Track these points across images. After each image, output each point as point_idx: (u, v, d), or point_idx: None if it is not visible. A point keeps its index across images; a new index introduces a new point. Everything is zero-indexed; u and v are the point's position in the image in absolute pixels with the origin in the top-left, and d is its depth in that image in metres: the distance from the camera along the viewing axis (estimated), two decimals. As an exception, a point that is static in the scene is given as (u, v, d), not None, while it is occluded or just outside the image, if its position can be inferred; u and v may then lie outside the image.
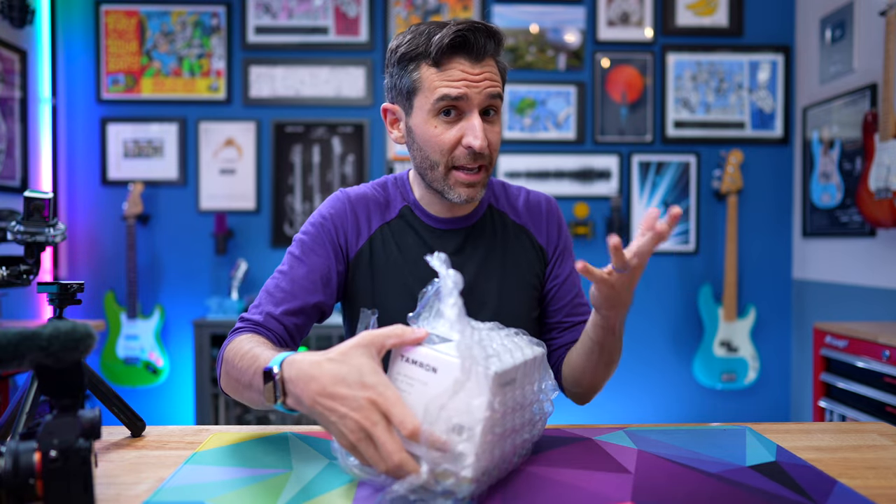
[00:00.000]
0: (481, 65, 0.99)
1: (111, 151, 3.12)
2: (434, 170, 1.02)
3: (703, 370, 3.02)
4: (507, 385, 0.69)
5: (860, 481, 0.74)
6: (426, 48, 0.98)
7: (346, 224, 1.08)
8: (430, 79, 0.98)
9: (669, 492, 0.71)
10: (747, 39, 3.15)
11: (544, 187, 3.13)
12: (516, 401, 0.71)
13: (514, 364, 0.70)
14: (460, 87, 0.96)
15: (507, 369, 0.68)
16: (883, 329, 2.11)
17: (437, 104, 0.98)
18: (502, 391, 0.68)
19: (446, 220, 1.11)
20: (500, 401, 0.67)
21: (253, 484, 0.72)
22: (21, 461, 0.53)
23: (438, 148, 0.99)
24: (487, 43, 0.98)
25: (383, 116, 1.09)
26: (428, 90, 0.99)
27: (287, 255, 1.07)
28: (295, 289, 1.03)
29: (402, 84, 1.02)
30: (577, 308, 1.16)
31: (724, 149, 3.11)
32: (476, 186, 1.01)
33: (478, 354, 0.66)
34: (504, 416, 0.69)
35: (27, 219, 0.91)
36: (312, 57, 3.14)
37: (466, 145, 0.98)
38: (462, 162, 0.99)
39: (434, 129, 0.99)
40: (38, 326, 0.53)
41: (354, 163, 3.14)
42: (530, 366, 0.74)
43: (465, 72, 0.97)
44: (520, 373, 0.71)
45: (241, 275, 2.99)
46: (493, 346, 0.72)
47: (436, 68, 0.98)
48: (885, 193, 2.22)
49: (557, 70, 3.15)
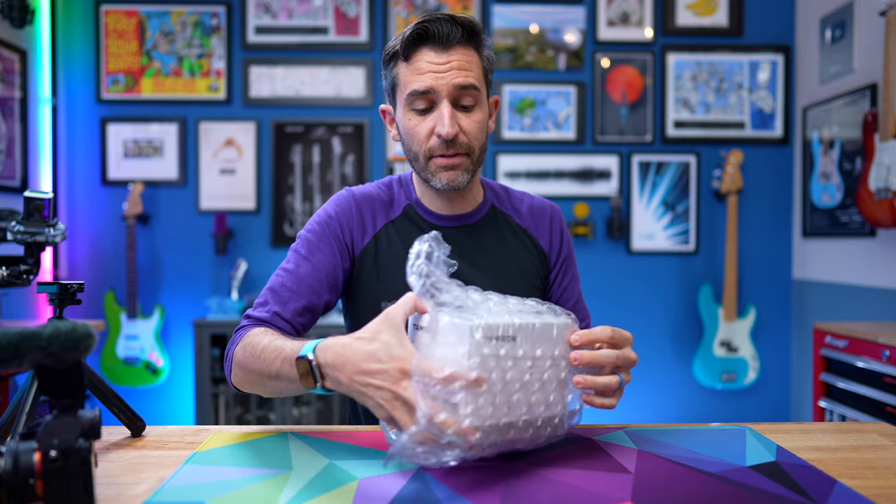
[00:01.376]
0: (448, 53, 1.00)
1: (111, 151, 3.12)
2: (417, 161, 1.06)
3: (703, 370, 3.02)
4: (499, 341, 0.71)
5: (860, 481, 0.74)
6: (399, 46, 1.03)
7: (352, 222, 1.10)
8: (402, 74, 1.03)
9: (669, 492, 0.71)
10: (747, 39, 3.15)
11: (544, 187, 3.13)
12: (518, 361, 0.72)
13: (508, 322, 0.71)
14: (426, 80, 1.00)
15: (493, 324, 0.70)
16: (883, 329, 2.11)
17: (409, 99, 1.02)
18: (490, 345, 0.70)
19: (448, 217, 1.12)
20: (490, 354, 0.70)
21: (253, 484, 0.73)
22: (21, 461, 0.53)
23: (416, 139, 1.04)
24: (452, 31, 1.00)
25: (383, 117, 1.13)
26: (402, 86, 1.03)
27: (292, 253, 1.08)
28: (301, 287, 1.04)
29: (388, 83, 1.08)
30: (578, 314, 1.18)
31: (724, 149, 3.11)
32: (456, 170, 1.04)
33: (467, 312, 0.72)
34: (504, 372, 0.71)
35: (27, 219, 0.91)
36: (312, 57, 3.14)
37: (437, 133, 1.01)
38: (437, 151, 1.03)
39: (410, 122, 1.04)
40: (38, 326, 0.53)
41: (354, 163, 3.14)
42: (540, 331, 0.75)
43: (431, 62, 1.00)
44: (521, 334, 0.73)
45: (241, 275, 2.99)
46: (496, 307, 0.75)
47: (406, 63, 1.03)
48: (885, 193, 2.22)
49: (557, 70, 3.15)
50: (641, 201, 3.15)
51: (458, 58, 1.00)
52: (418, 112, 1.02)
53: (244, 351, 0.94)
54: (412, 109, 1.03)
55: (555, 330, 0.76)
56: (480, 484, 0.72)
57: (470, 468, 0.78)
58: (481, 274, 1.10)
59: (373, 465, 0.79)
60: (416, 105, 1.02)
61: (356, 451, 0.84)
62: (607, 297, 3.14)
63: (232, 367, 0.99)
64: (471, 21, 1.02)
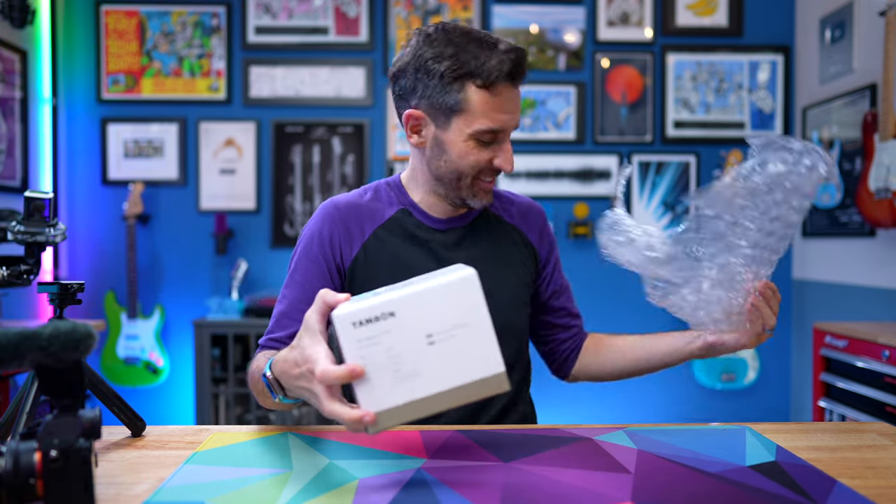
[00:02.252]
0: (517, 90, 1.04)
1: (111, 151, 3.12)
2: (461, 180, 1.06)
3: (703, 370, 3.02)
4: (371, 323, 0.68)
5: (860, 481, 0.74)
6: (477, 69, 0.98)
7: (338, 236, 1.09)
8: (477, 102, 1.00)
9: (669, 492, 0.71)
10: (747, 39, 3.15)
11: (544, 187, 3.13)
12: (409, 335, 0.69)
13: (373, 304, 0.68)
14: (505, 119, 1.02)
15: (354, 310, 0.68)
16: (883, 329, 2.11)
17: (480, 133, 1.01)
18: (361, 330, 0.68)
19: (444, 220, 1.13)
20: (365, 338, 0.68)
21: (253, 484, 0.73)
22: (21, 461, 0.53)
23: (472, 166, 1.04)
24: (525, 69, 1.04)
25: (404, 121, 1.07)
26: (472, 114, 1.01)
27: (289, 277, 1.11)
28: (295, 312, 1.06)
29: (444, 100, 1.01)
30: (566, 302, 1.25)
31: (723, 149, 3.11)
32: (491, 192, 1.10)
33: (351, 303, 0.71)
34: (396, 351, 0.68)
35: (27, 219, 0.91)
36: (312, 57, 3.14)
37: (497, 166, 1.05)
38: (486, 176, 1.06)
39: (471, 150, 1.04)
40: (38, 326, 0.53)
41: (354, 163, 3.14)
42: (428, 297, 0.69)
43: (510, 99, 1.02)
44: (399, 307, 0.68)
45: (241, 275, 2.99)
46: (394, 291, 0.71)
47: (487, 92, 1.00)
48: (884, 193, 2.22)
49: (557, 70, 3.15)
50: (641, 201, 3.15)
51: (519, 94, 1.05)
52: (482, 143, 1.03)
53: (250, 378, 1.02)
54: (477, 140, 1.02)
55: (447, 294, 0.70)
56: (480, 484, 0.73)
57: (470, 468, 0.78)
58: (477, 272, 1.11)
59: (373, 465, 0.79)
60: (483, 138, 1.02)
61: (356, 451, 0.84)
62: (607, 297, 3.14)
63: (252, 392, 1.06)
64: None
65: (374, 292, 0.76)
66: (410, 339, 0.69)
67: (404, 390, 0.69)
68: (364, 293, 0.77)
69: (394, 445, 0.86)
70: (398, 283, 0.76)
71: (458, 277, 0.71)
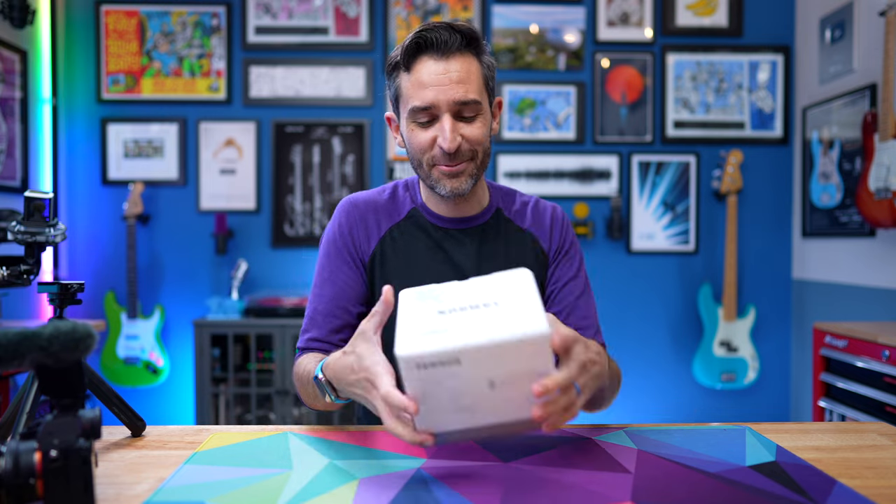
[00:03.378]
0: (447, 62, 1.01)
1: (111, 151, 3.12)
2: (420, 168, 1.08)
3: (703, 370, 3.02)
4: (434, 367, 0.66)
5: (860, 481, 0.74)
6: (399, 55, 1.04)
7: (357, 231, 1.13)
8: (405, 86, 1.04)
9: (669, 492, 0.71)
10: (747, 39, 3.15)
11: (544, 187, 3.13)
12: (467, 379, 0.67)
13: (443, 350, 0.65)
14: (427, 95, 1.01)
15: (426, 353, 0.65)
16: (883, 329, 2.11)
17: (412, 114, 1.03)
18: (424, 371, 0.66)
19: (454, 219, 1.14)
20: (426, 378, 0.67)
21: (253, 484, 0.73)
22: (21, 461, 0.53)
23: (419, 149, 1.05)
24: (451, 38, 1.01)
25: (388, 124, 1.15)
26: (404, 98, 1.05)
27: (316, 277, 1.14)
28: (330, 309, 1.10)
29: (391, 93, 1.09)
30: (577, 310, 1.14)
31: (723, 149, 3.11)
32: (460, 177, 1.05)
33: (418, 329, 0.69)
34: (456, 393, 0.68)
35: (27, 219, 0.91)
36: (312, 57, 3.14)
37: (439, 145, 1.03)
38: (439, 161, 1.05)
39: (412, 133, 1.05)
40: (38, 326, 0.53)
41: (354, 163, 3.14)
42: (493, 352, 0.66)
43: (431, 73, 1.01)
44: (466, 357, 0.65)
45: (241, 275, 2.99)
46: (468, 320, 0.68)
47: (407, 73, 1.04)
48: (884, 193, 2.22)
49: (557, 70, 3.15)
50: (641, 201, 3.15)
51: (457, 67, 1.01)
52: (421, 124, 1.04)
53: (298, 380, 1.06)
54: (414, 122, 1.04)
55: (516, 349, 0.66)
56: (480, 484, 0.73)
57: (470, 468, 0.78)
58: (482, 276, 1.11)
59: (373, 465, 0.79)
60: (419, 119, 1.03)
61: (356, 451, 0.84)
62: (607, 297, 3.14)
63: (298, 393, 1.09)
64: (469, 27, 1.03)
65: (432, 293, 0.76)
66: (473, 384, 0.68)
67: (461, 419, 0.71)
68: (423, 292, 0.77)
69: (394, 445, 0.86)
70: (453, 287, 0.77)
71: (534, 333, 0.65)
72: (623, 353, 3.09)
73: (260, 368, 2.85)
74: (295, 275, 3.14)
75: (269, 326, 2.81)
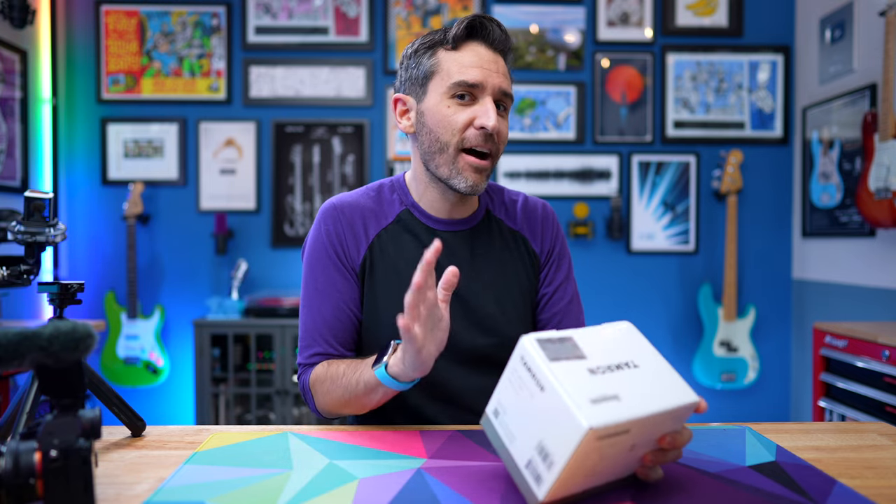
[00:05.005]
0: (495, 55, 1.03)
1: (111, 151, 3.12)
2: (444, 152, 1.03)
3: (703, 370, 3.02)
4: (611, 437, 0.62)
5: (860, 481, 0.74)
6: (444, 36, 1.04)
7: (346, 238, 1.08)
8: (447, 61, 1.02)
9: (669, 492, 0.71)
10: (747, 39, 3.15)
11: (544, 187, 3.13)
12: (625, 446, 0.65)
13: (631, 417, 0.63)
14: (477, 72, 1.00)
15: (611, 424, 0.61)
16: (883, 329, 2.11)
17: (454, 87, 1.01)
18: (600, 443, 0.62)
19: (446, 221, 1.10)
20: (597, 448, 0.62)
21: (253, 484, 0.73)
22: (21, 461, 0.53)
23: (450, 128, 1.01)
24: (502, 36, 1.04)
25: (393, 107, 1.10)
26: (445, 73, 1.02)
27: (308, 289, 1.08)
28: (333, 322, 1.06)
29: (419, 72, 1.05)
30: (569, 315, 1.15)
31: (723, 149, 3.11)
32: (482, 174, 1.03)
33: (593, 386, 0.63)
34: (603, 459, 0.64)
35: (27, 219, 0.91)
36: (312, 57, 3.14)
37: (479, 126, 1.00)
38: (472, 142, 1.01)
39: (447, 109, 1.02)
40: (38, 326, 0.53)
41: (354, 163, 3.14)
42: (658, 419, 0.66)
43: (482, 56, 1.02)
44: (637, 427, 0.64)
45: (241, 275, 2.99)
46: (626, 376, 0.67)
47: (454, 51, 1.03)
48: (884, 193, 2.22)
49: (557, 70, 3.15)
50: (641, 201, 3.15)
51: (503, 64, 1.04)
52: (459, 102, 1.01)
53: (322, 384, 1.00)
54: (453, 97, 1.01)
55: (673, 415, 0.68)
56: (480, 484, 0.72)
57: (470, 468, 0.78)
58: (475, 280, 1.09)
59: (373, 465, 0.79)
60: (460, 93, 1.00)
61: (356, 451, 0.84)
62: (607, 297, 3.14)
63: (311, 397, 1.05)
64: (512, 38, 1.07)
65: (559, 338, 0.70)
66: (621, 449, 0.66)
67: (585, 482, 0.67)
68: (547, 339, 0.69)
69: (394, 445, 0.86)
70: (578, 337, 0.71)
71: (690, 401, 0.70)
72: (623, 353, 3.08)
73: (260, 368, 2.85)
74: (295, 275, 3.14)
75: (269, 326, 2.81)
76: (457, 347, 1.06)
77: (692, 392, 0.70)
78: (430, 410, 1.08)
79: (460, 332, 1.06)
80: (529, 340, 0.67)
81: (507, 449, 0.68)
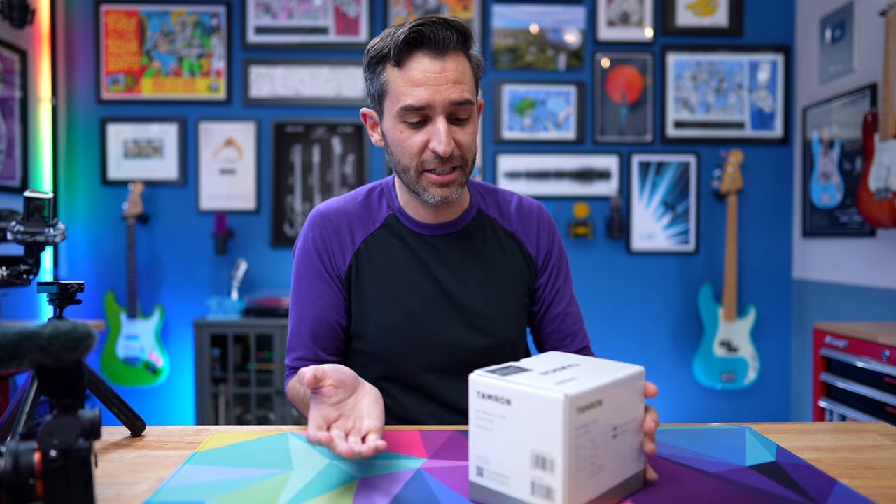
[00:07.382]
0: (443, 60, 0.96)
1: (111, 151, 3.12)
2: (407, 173, 1.01)
3: (703, 370, 3.02)
4: (589, 409, 0.64)
5: (860, 481, 0.74)
6: (387, 48, 0.98)
7: (331, 245, 1.07)
8: (394, 81, 0.97)
9: (669, 492, 0.71)
10: (747, 39, 3.15)
11: (544, 187, 3.13)
12: (607, 427, 0.66)
13: (595, 386, 0.65)
14: (422, 93, 0.94)
15: (581, 393, 0.63)
16: (883, 329, 2.11)
17: (402, 113, 0.97)
18: (581, 417, 0.63)
19: (432, 225, 1.08)
20: (582, 427, 0.63)
21: (253, 484, 0.73)
22: (21, 461, 0.53)
23: (407, 152, 0.98)
24: (447, 35, 0.96)
25: (364, 121, 1.09)
26: (393, 95, 0.98)
27: (296, 292, 1.09)
28: (314, 327, 1.07)
29: (374, 88, 1.02)
30: (568, 318, 1.14)
31: (724, 149, 3.11)
32: (451, 186, 1.00)
33: (550, 379, 0.66)
34: (595, 445, 0.65)
35: (27, 219, 0.91)
36: (312, 57, 3.14)
37: (432, 149, 0.96)
38: (431, 166, 0.98)
39: (401, 134, 0.98)
40: (38, 326, 0.53)
41: (354, 163, 3.14)
42: (621, 385, 0.68)
43: (427, 71, 0.95)
44: (606, 394, 0.66)
45: (241, 275, 2.99)
46: (572, 370, 0.70)
47: (398, 68, 0.97)
48: (884, 193, 2.22)
49: (557, 70, 3.15)
50: (641, 201, 3.15)
51: (452, 67, 0.96)
52: (410, 125, 0.97)
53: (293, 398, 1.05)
54: (404, 122, 0.97)
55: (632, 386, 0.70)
56: (480, 484, 0.72)
57: (470, 468, 0.78)
58: (468, 282, 1.08)
59: (373, 465, 0.79)
60: (409, 119, 0.96)
61: (356, 451, 0.84)
62: (607, 297, 3.14)
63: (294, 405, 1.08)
64: (463, 24, 0.98)
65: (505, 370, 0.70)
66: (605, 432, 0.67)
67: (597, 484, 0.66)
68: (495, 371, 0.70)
69: (394, 445, 0.86)
70: (522, 363, 0.73)
71: (638, 370, 0.72)
72: (623, 353, 3.09)
73: (260, 368, 2.85)
74: (295, 275, 3.14)
75: (269, 326, 2.81)
76: (449, 348, 1.06)
77: (636, 366, 0.73)
78: (420, 412, 1.08)
79: (452, 332, 1.06)
80: (477, 374, 0.69)
81: (506, 496, 0.66)
